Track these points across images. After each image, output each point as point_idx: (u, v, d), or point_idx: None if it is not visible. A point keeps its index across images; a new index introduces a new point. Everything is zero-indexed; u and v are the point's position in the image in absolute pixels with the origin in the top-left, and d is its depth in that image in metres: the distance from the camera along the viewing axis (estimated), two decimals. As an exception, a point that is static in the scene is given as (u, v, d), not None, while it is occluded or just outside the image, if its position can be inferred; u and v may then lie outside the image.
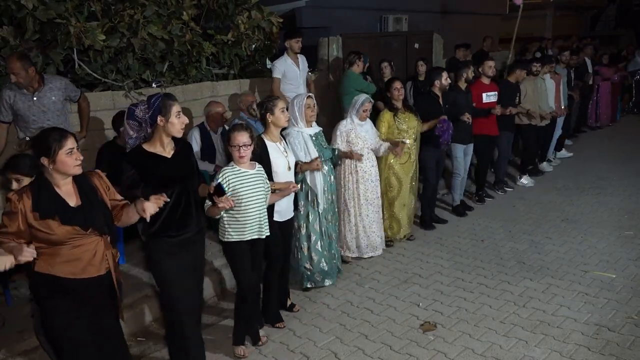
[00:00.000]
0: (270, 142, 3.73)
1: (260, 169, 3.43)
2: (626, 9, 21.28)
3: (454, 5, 11.91)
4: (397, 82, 5.26)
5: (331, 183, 4.37)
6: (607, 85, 10.38)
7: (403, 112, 5.17)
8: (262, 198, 3.38)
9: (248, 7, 6.14)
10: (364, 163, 4.82)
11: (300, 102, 4.13)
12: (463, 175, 6.16)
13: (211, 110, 5.09)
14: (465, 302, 4.12)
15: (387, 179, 5.23)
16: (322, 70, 7.37)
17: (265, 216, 3.43)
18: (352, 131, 4.76)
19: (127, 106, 5.06)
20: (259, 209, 3.36)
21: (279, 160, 3.71)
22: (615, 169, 7.75)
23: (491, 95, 6.26)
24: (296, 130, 4.13)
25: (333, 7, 9.65)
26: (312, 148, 4.13)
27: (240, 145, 3.26)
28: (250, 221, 3.35)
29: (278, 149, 3.75)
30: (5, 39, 4.50)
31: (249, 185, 3.33)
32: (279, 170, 3.70)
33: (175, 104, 2.90)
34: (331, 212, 4.40)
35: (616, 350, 3.39)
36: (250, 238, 3.38)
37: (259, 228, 3.40)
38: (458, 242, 5.36)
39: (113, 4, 5.03)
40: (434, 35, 8.94)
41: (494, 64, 6.31)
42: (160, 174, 2.90)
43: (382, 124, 5.13)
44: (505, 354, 3.41)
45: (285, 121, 3.71)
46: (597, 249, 5.02)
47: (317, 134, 4.26)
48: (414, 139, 5.21)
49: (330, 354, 3.51)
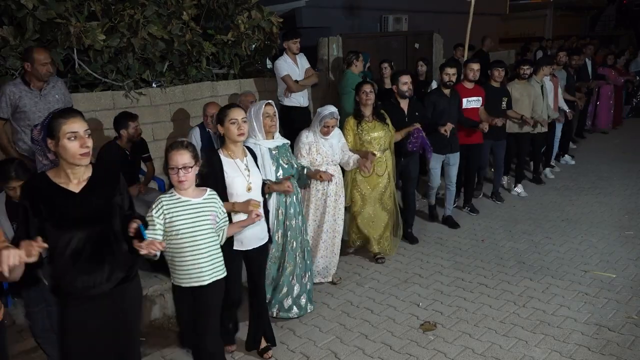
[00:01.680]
0: (227, 159, 3.17)
1: (210, 196, 2.81)
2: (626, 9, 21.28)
3: (454, 5, 11.90)
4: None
5: (296, 204, 3.84)
6: (609, 88, 9.91)
7: (370, 120, 4.66)
8: (208, 235, 2.75)
9: (248, 7, 6.14)
10: (320, 182, 4.29)
11: (258, 110, 3.58)
12: (452, 189, 5.75)
13: (207, 112, 5.09)
14: (465, 302, 4.12)
15: (351, 193, 4.81)
16: (322, 70, 7.37)
17: (217, 256, 2.82)
18: (314, 144, 4.24)
19: (127, 106, 5.12)
20: (204, 248, 2.73)
21: (236, 180, 3.14)
22: (615, 169, 7.75)
23: (473, 101, 5.77)
24: (253, 143, 3.56)
25: (333, 7, 9.66)
26: (268, 164, 3.57)
27: (179, 167, 2.65)
28: (190, 263, 2.73)
29: (236, 167, 3.17)
30: (5, 39, 4.49)
31: (190, 218, 2.70)
32: (236, 192, 3.14)
33: (67, 123, 2.22)
34: (299, 237, 3.87)
35: (616, 350, 3.39)
36: (188, 285, 2.77)
37: (209, 271, 2.77)
38: (458, 242, 5.35)
39: (113, 4, 5.03)
40: (434, 35, 8.94)
41: (478, 67, 5.76)
42: (59, 212, 2.27)
43: (348, 133, 4.64)
44: (505, 354, 3.41)
45: (237, 134, 3.09)
46: (597, 248, 5.02)
47: (279, 148, 3.71)
48: (381, 151, 4.70)
49: (330, 354, 3.51)
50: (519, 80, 6.48)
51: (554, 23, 18.05)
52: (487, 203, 6.53)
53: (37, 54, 4.07)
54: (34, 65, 4.04)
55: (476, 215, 6.08)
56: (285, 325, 3.87)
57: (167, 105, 5.52)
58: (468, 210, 6.17)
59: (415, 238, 5.39)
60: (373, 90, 4.67)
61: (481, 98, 5.81)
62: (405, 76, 5.00)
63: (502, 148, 6.40)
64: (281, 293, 3.87)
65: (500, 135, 6.19)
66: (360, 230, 4.91)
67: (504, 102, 6.14)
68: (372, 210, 4.83)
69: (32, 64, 4.04)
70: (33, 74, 4.09)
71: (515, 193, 6.82)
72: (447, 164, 5.62)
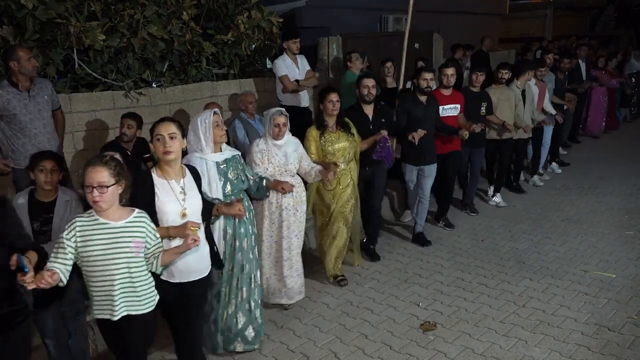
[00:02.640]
0: (160, 180, 2.75)
1: (137, 219, 2.47)
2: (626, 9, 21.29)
3: (454, 5, 11.91)
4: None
5: (247, 223, 3.45)
6: (601, 91, 9.53)
7: (333, 130, 4.32)
8: (124, 263, 2.41)
9: (248, 7, 6.15)
10: (270, 194, 3.90)
11: (205, 119, 3.19)
12: (424, 202, 5.30)
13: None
14: (465, 302, 4.12)
15: (315, 206, 4.46)
16: (322, 70, 7.37)
17: (135, 288, 2.47)
18: (265, 153, 3.87)
19: (127, 106, 5.12)
20: (118, 277, 2.40)
21: (168, 205, 2.71)
22: (615, 169, 7.74)
23: (449, 109, 5.38)
24: (198, 157, 3.20)
25: (333, 7, 9.66)
26: (214, 180, 3.21)
27: (93, 185, 2.30)
28: (101, 294, 2.41)
29: (169, 190, 2.74)
30: (5, 39, 4.49)
31: (105, 243, 2.38)
32: (166, 218, 2.72)
33: None
34: (245, 261, 3.45)
35: (616, 350, 3.39)
36: (101, 317, 2.46)
37: (120, 304, 2.42)
38: (458, 242, 5.35)
39: (113, 4, 5.03)
40: (434, 35, 8.94)
41: (452, 72, 5.35)
42: None
43: (310, 143, 4.28)
44: (505, 354, 3.41)
45: (162, 152, 2.67)
46: (597, 248, 5.02)
47: (228, 160, 3.32)
48: (346, 163, 4.39)
49: (330, 354, 3.51)
50: (496, 85, 6.12)
51: (554, 23, 18.04)
52: (483, 204, 6.52)
53: (21, 50, 4.05)
54: (21, 62, 4.01)
55: (452, 229, 5.65)
56: (285, 325, 3.88)
57: (167, 105, 5.53)
58: (443, 225, 5.72)
59: (377, 255, 4.98)
60: (339, 99, 4.31)
61: (459, 105, 5.45)
62: (368, 79, 4.66)
63: (481, 156, 6.07)
64: (223, 325, 3.47)
65: (479, 142, 5.83)
66: (322, 249, 4.53)
67: (483, 107, 5.81)
68: (335, 224, 4.43)
69: (18, 62, 4.01)
70: (21, 71, 4.04)
71: (494, 203, 6.40)
72: (421, 176, 5.18)
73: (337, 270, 4.53)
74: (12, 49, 4.08)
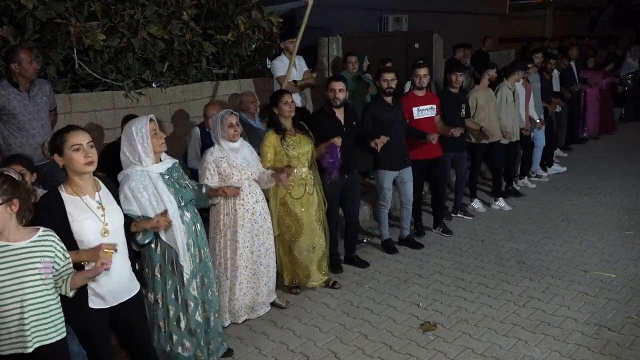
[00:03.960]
0: (71, 197, 2.47)
1: (43, 238, 2.26)
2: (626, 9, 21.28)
3: (454, 5, 11.91)
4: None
5: (198, 234, 3.24)
6: (594, 92, 9.42)
7: (293, 133, 4.14)
8: (33, 288, 2.20)
9: (248, 7, 6.15)
10: (245, 199, 3.74)
11: (142, 128, 2.94)
12: (408, 207, 5.19)
13: (208, 113, 5.09)
14: (465, 302, 4.12)
15: (280, 219, 4.17)
16: (322, 70, 7.37)
17: (48, 314, 2.26)
18: (224, 160, 3.66)
19: (127, 106, 5.12)
20: (28, 305, 2.18)
21: (85, 224, 2.46)
22: (615, 169, 7.74)
23: (425, 110, 5.20)
24: (139, 170, 2.96)
25: (333, 7, 9.64)
26: (164, 192, 2.99)
27: None
28: (6, 325, 2.17)
29: (84, 206, 2.48)
30: (5, 39, 4.50)
31: (12, 266, 2.16)
32: (87, 239, 2.46)
33: None
34: (201, 273, 3.25)
35: (616, 350, 3.39)
36: (8, 353, 2.20)
37: (33, 334, 2.20)
38: (458, 242, 5.35)
39: (113, 4, 5.04)
40: (434, 35, 8.94)
41: (425, 72, 5.17)
42: None
43: (267, 149, 4.06)
44: (505, 354, 3.41)
45: (84, 163, 2.42)
46: (597, 248, 5.02)
47: (170, 170, 3.12)
48: (309, 167, 4.22)
49: (330, 354, 3.51)
50: (481, 86, 6.02)
51: (554, 23, 18.04)
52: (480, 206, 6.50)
53: (23, 53, 4.06)
54: (22, 65, 4.02)
55: (450, 236, 5.51)
56: (285, 326, 3.88)
57: (167, 105, 5.53)
58: (440, 231, 5.56)
59: (364, 261, 4.84)
60: (292, 101, 4.15)
61: (435, 106, 5.28)
62: (337, 82, 4.44)
63: (464, 159, 5.86)
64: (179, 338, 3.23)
65: (461, 146, 5.71)
66: (298, 263, 4.27)
67: (463, 108, 5.64)
68: (311, 234, 4.21)
69: (19, 64, 4.02)
70: (21, 73, 4.06)
71: (498, 207, 6.28)
72: (401, 182, 5.04)
73: (325, 278, 4.43)
74: (14, 51, 4.09)
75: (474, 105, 5.91)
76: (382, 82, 4.87)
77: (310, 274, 4.31)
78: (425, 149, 5.16)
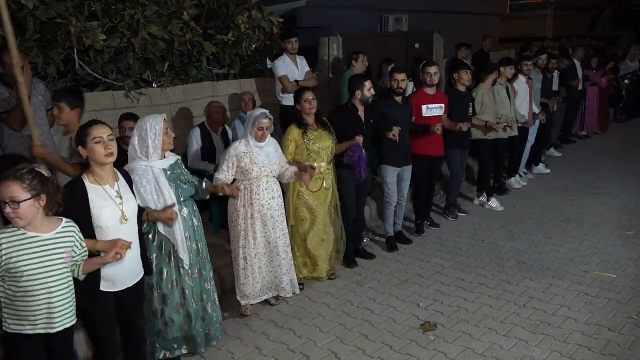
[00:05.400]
0: (93, 185, 2.70)
1: (66, 228, 2.44)
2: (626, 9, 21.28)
3: (454, 5, 11.92)
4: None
5: (195, 228, 3.36)
6: (594, 90, 9.63)
7: (315, 129, 4.27)
8: (61, 274, 2.40)
9: (248, 7, 6.16)
10: (261, 195, 3.89)
11: (154, 125, 3.10)
12: (403, 203, 5.27)
13: (211, 111, 5.10)
14: (466, 302, 4.12)
15: (296, 210, 4.32)
16: (322, 70, 7.38)
17: (69, 299, 2.46)
18: (247, 155, 3.82)
19: (127, 106, 5.12)
20: (56, 290, 2.38)
21: (105, 210, 2.68)
22: (615, 169, 7.74)
23: (434, 108, 5.24)
24: (143, 165, 3.10)
25: (333, 7, 9.65)
26: (165, 187, 3.12)
27: (5, 201, 2.24)
28: (35, 308, 2.36)
29: (105, 194, 2.71)
30: (5, 39, 4.49)
31: (35, 257, 2.33)
32: (106, 224, 2.69)
33: None
34: (199, 265, 3.40)
35: (616, 350, 3.39)
36: (33, 332, 2.39)
37: (60, 317, 2.41)
38: (458, 242, 5.35)
39: (113, 4, 5.04)
40: (434, 35, 8.95)
41: (435, 70, 5.21)
42: None
43: (289, 143, 4.22)
44: (505, 354, 3.41)
45: (104, 155, 2.64)
46: (598, 248, 5.02)
47: (172, 166, 3.26)
48: (327, 162, 4.33)
49: (330, 354, 3.51)
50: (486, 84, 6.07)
51: (554, 23, 18.04)
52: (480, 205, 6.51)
53: (7, 57, 3.86)
54: (6, 70, 3.84)
55: (437, 228, 5.67)
56: (285, 325, 3.88)
57: (167, 105, 5.53)
58: (428, 225, 5.68)
59: (370, 253, 4.99)
60: (315, 97, 4.30)
61: (444, 105, 5.31)
62: (369, 81, 4.63)
63: (464, 159, 5.95)
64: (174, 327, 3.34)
65: (465, 144, 5.79)
66: (309, 253, 4.40)
67: (470, 107, 5.69)
68: (323, 226, 4.38)
69: (3, 67, 3.86)
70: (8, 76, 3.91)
71: (488, 207, 6.28)
72: (400, 179, 5.12)
73: (333, 269, 4.58)
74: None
75: (480, 102, 5.96)
76: (392, 82, 4.93)
77: (318, 265, 4.44)
78: (429, 145, 5.22)
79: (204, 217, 4.27)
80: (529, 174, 7.53)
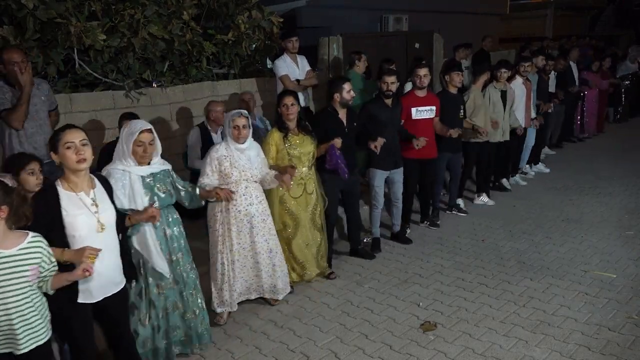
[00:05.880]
0: (66, 192, 2.55)
1: (32, 244, 2.27)
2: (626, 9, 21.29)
3: (454, 5, 11.92)
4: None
5: (168, 238, 3.25)
6: (594, 92, 9.64)
7: (296, 133, 4.22)
8: (23, 294, 2.23)
9: (248, 7, 6.16)
10: (238, 200, 3.76)
11: (130, 135, 3.01)
12: (398, 205, 5.28)
13: (211, 110, 5.10)
14: (466, 301, 4.12)
15: (280, 217, 4.26)
16: (323, 70, 7.37)
17: (37, 317, 2.31)
18: (227, 159, 3.73)
19: (127, 106, 5.12)
20: (23, 309, 2.23)
21: (79, 219, 2.53)
22: (615, 169, 7.75)
23: (424, 111, 5.18)
24: (121, 169, 3.03)
25: (333, 7, 9.66)
26: (139, 195, 3.04)
27: None
28: (4, 329, 2.22)
29: (79, 202, 2.56)
30: (5, 39, 4.49)
31: (1, 275, 2.18)
32: (79, 234, 2.54)
33: None
34: (174, 274, 3.28)
35: (617, 350, 3.39)
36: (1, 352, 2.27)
37: (25, 337, 2.26)
38: (458, 242, 5.35)
39: (113, 4, 5.04)
40: (434, 35, 8.94)
41: (425, 72, 5.15)
42: None
43: (270, 147, 4.15)
44: (505, 354, 3.41)
45: (76, 161, 2.48)
46: (598, 248, 5.02)
47: (155, 175, 3.15)
48: (309, 167, 4.31)
49: (330, 354, 3.51)
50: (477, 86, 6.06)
51: (554, 23, 18.05)
52: (481, 204, 6.51)
53: (8, 52, 3.90)
54: (7, 68, 3.86)
55: (438, 228, 5.71)
56: (285, 325, 3.88)
57: (167, 105, 5.53)
58: (427, 225, 5.75)
59: (370, 254, 4.99)
60: (295, 102, 4.20)
61: (435, 108, 5.26)
62: (348, 83, 4.52)
63: (459, 161, 5.94)
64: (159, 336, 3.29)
65: (457, 147, 5.75)
66: (295, 258, 4.38)
67: (461, 110, 5.64)
68: (306, 232, 4.35)
69: (4, 66, 3.86)
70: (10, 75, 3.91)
71: (481, 202, 6.41)
72: (392, 182, 5.12)
73: (322, 269, 4.55)
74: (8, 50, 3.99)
75: (472, 105, 5.91)
76: (382, 84, 4.89)
77: (306, 269, 4.44)
78: (421, 150, 5.08)
79: (201, 222, 4.30)
80: (529, 173, 7.56)
